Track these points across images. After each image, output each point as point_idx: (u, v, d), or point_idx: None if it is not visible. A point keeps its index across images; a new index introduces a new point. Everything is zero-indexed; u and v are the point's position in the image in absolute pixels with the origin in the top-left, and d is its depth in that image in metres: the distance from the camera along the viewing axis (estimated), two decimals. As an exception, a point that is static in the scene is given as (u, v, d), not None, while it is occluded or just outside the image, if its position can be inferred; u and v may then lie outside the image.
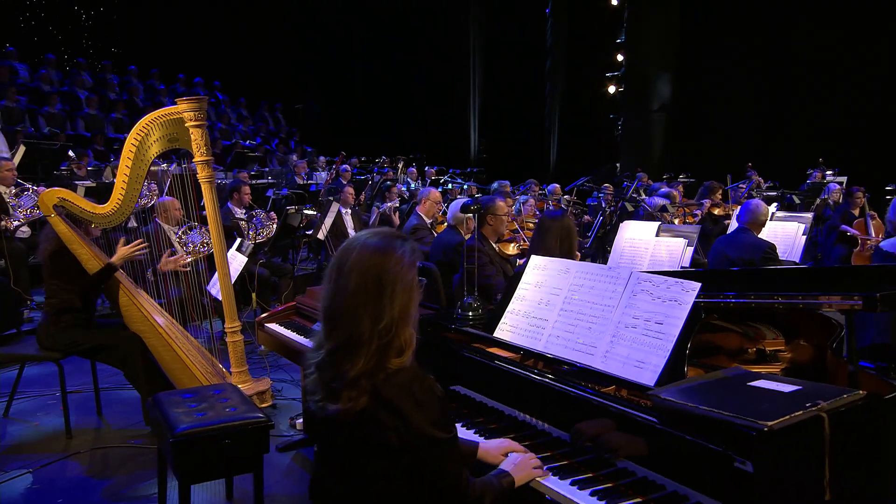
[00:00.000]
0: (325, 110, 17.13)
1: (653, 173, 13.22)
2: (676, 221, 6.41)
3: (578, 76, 16.78)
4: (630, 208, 5.87)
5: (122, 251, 4.07)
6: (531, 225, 6.93)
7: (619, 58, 15.91)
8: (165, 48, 15.57)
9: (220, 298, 4.18)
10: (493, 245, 4.48)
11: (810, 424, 1.58)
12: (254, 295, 6.67)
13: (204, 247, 5.89)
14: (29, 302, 6.50)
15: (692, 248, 4.45)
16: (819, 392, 1.71)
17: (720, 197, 8.18)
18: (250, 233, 6.91)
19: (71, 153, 8.61)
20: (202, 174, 4.00)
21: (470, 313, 2.66)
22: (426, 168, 13.27)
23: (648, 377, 1.91)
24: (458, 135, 17.51)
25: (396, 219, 8.71)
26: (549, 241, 3.76)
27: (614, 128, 16.09)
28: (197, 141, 3.94)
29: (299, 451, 3.85)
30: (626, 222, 4.90)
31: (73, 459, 3.70)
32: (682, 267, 4.40)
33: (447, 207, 7.38)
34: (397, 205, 10.10)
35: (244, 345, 4.22)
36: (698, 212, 7.01)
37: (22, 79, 12.59)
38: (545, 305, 2.33)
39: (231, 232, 6.72)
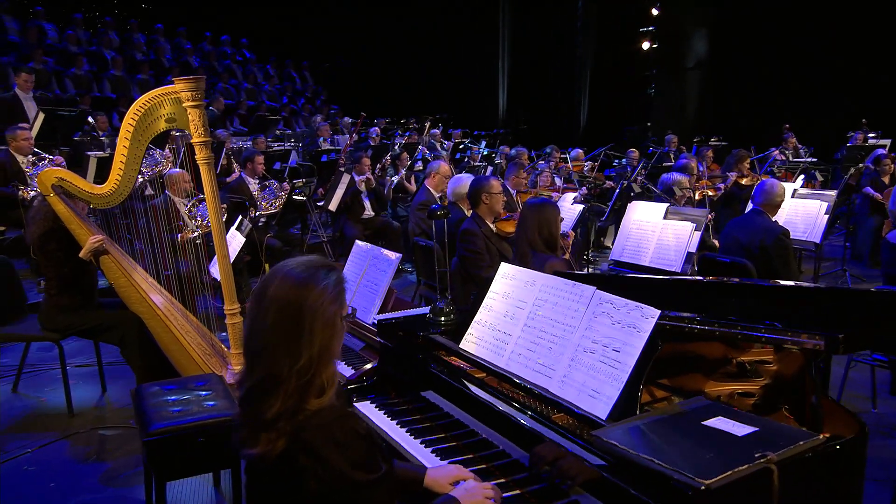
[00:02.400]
0: (353, 69, 16.89)
1: (686, 134, 12.79)
2: (697, 195, 6.18)
3: (610, 32, 16.14)
4: (637, 189, 5.65)
5: (87, 246, 4.03)
6: (546, 195, 6.77)
7: (654, 12, 15.24)
8: (192, 6, 15.46)
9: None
10: (490, 225, 4.38)
11: (757, 478, 1.48)
12: (266, 266, 6.71)
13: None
14: (46, 271, 6.63)
15: (699, 233, 4.28)
16: (775, 436, 1.61)
17: (748, 166, 7.88)
18: (263, 203, 6.92)
19: (90, 119, 8.66)
20: (200, 156, 3.93)
21: (441, 318, 2.59)
22: (449, 130, 13.04)
23: (601, 409, 1.82)
24: (486, 94, 17.09)
25: (413, 185, 8.60)
26: (530, 229, 3.67)
27: (647, 86, 15.52)
28: (195, 121, 3.86)
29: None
30: (633, 203, 4.74)
31: (72, 440, 3.78)
32: (688, 252, 4.25)
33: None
34: (420, 167, 9.97)
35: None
36: (721, 185, 6.72)
37: (51, 39, 12.65)
38: (510, 319, 2.24)
39: (244, 202, 6.73)
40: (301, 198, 4.58)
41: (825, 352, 1.65)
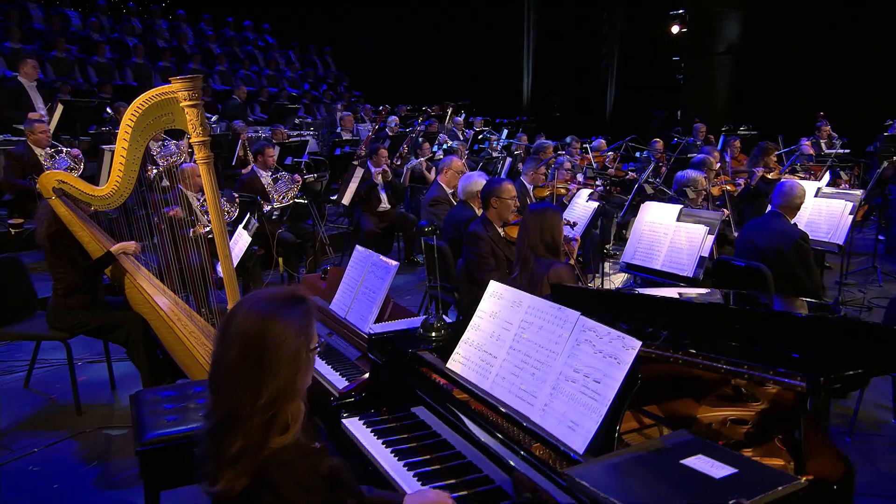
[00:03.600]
0: (376, 54, 16.81)
1: (716, 122, 12.52)
2: (715, 191, 6.06)
3: (639, 15, 15.81)
4: (649, 191, 5.54)
5: (125, 245, 4.10)
6: (563, 191, 6.69)
7: (684, -6, 14.92)
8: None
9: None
10: (499, 229, 4.33)
11: (729, 528, 1.44)
12: (280, 259, 6.75)
13: (224, 215, 5.94)
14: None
15: (713, 237, 4.19)
16: (754, 479, 1.56)
17: (775, 160, 7.69)
18: (275, 195, 6.94)
19: (109, 110, 8.75)
20: (199, 155, 3.93)
21: (432, 334, 2.57)
22: (470, 118, 12.93)
23: (579, 443, 1.79)
24: (510, 80, 16.87)
25: (432, 175, 8.56)
26: (531, 233, 3.62)
27: (676, 72, 15.18)
28: (192, 121, 3.85)
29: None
30: (646, 203, 4.66)
31: (78, 439, 3.86)
32: (700, 256, 4.16)
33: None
34: (441, 156, 9.92)
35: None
36: (741, 181, 6.55)
37: (74, 27, 12.80)
38: (496, 340, 2.22)
39: (255, 198, 6.76)
40: (303, 201, 4.54)
41: (807, 394, 1.60)
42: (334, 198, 6.78)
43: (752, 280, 4.16)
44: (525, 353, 2.09)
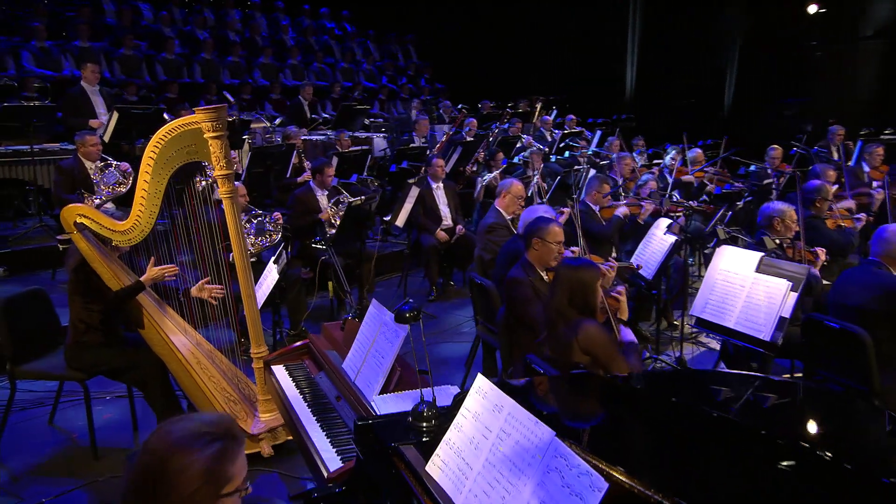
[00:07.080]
0: (461, 41, 16.77)
1: (857, 121, 11.70)
2: (829, 224, 5.69)
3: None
4: (723, 235, 5.23)
5: (152, 272, 4.31)
6: (637, 209, 6.49)
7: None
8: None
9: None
10: (542, 274, 4.24)
11: None
12: (330, 283, 6.91)
13: (264, 239, 6.14)
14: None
15: (796, 295, 3.93)
16: None
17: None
18: (329, 211, 7.09)
19: (166, 116, 9.21)
20: (222, 189, 4.11)
21: (423, 425, 2.55)
22: (557, 119, 12.71)
23: None
24: (611, 71, 16.34)
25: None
26: (559, 293, 3.50)
27: (810, 61, 14.28)
28: (216, 153, 4.04)
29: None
30: (722, 248, 4.43)
31: (89, 489, 4.08)
32: (780, 317, 3.92)
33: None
34: (525, 157, 9.84)
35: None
36: (862, 216, 6.03)
37: (146, 20, 13.56)
38: (475, 448, 2.18)
39: (312, 213, 6.95)
40: (320, 246, 4.57)
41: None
42: (387, 218, 6.88)
43: (847, 346, 3.89)
44: (499, 470, 2.05)
